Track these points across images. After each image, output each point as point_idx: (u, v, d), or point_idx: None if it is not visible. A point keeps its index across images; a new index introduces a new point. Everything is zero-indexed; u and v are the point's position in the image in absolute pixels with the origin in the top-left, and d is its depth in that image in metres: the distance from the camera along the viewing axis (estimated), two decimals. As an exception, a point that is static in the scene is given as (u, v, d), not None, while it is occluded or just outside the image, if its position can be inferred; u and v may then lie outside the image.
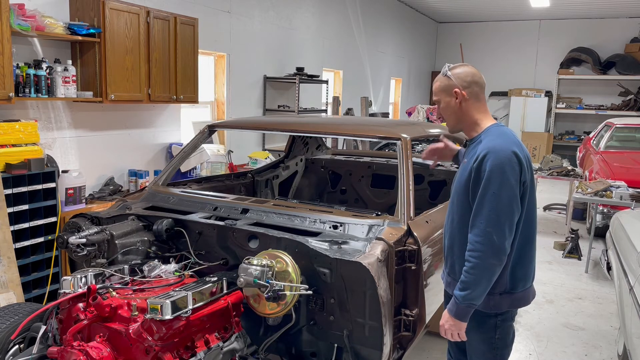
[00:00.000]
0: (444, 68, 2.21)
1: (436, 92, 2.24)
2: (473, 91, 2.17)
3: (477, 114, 2.19)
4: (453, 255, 2.24)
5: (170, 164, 3.50)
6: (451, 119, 2.23)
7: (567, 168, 7.08)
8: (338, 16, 9.23)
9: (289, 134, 4.56)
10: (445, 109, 2.22)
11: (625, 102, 12.88)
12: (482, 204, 2.02)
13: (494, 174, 2.00)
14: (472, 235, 2.05)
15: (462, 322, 2.10)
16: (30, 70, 3.81)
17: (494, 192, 2.00)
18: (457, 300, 2.07)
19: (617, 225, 4.00)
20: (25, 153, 3.72)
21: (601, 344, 4.03)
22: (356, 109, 9.94)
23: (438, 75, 2.26)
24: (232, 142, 6.58)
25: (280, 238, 2.48)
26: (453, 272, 2.25)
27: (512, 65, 13.92)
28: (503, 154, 2.01)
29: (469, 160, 2.13)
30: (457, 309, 2.08)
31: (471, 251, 2.04)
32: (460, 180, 2.17)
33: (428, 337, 3.81)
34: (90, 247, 2.66)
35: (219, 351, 2.32)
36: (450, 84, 2.17)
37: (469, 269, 2.03)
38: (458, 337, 2.13)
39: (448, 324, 2.13)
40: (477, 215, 2.03)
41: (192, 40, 5.22)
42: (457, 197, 2.19)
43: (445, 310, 2.15)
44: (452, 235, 2.23)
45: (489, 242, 2.00)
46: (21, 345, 2.49)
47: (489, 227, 2.00)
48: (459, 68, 2.20)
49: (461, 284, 2.07)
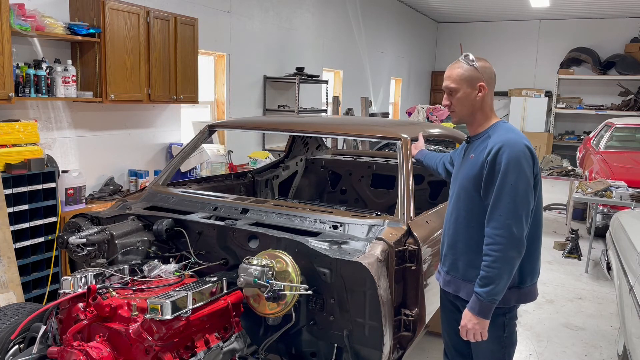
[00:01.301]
0: (465, 57, 2.14)
1: (455, 80, 2.14)
2: (492, 88, 2.19)
3: (489, 111, 2.20)
4: (456, 253, 2.22)
5: (170, 164, 3.50)
6: (464, 110, 2.18)
7: (567, 168, 7.08)
8: (338, 16, 9.23)
9: (289, 134, 4.56)
10: (463, 99, 2.15)
11: (625, 102, 12.88)
12: (500, 197, 2.01)
13: (510, 166, 2.00)
14: (490, 228, 2.03)
15: (486, 320, 2.06)
16: (30, 70, 3.81)
17: (511, 184, 2.00)
18: (480, 297, 2.03)
19: (617, 225, 4.00)
20: (25, 153, 3.72)
21: (601, 344, 4.03)
22: (356, 109, 9.94)
23: (457, 62, 2.16)
24: (232, 142, 6.58)
25: (280, 238, 2.48)
26: (454, 270, 2.23)
27: (512, 65, 13.92)
28: (518, 147, 2.03)
29: (478, 155, 2.12)
30: (480, 306, 2.04)
31: (492, 244, 2.01)
32: (469, 175, 2.15)
33: (428, 337, 3.81)
34: (90, 247, 2.66)
35: (219, 351, 2.32)
36: (477, 76, 2.13)
37: (491, 262, 2.01)
38: (480, 337, 2.09)
39: (471, 324, 2.07)
40: (495, 207, 2.02)
41: (192, 40, 5.22)
42: (464, 192, 2.16)
43: (466, 311, 2.10)
44: (456, 231, 2.21)
45: (509, 235, 1.99)
46: (21, 345, 2.49)
47: (509, 219, 1.99)
48: (484, 62, 2.16)
49: (483, 279, 2.03)
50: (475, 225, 2.14)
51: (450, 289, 2.28)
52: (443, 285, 2.33)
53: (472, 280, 2.15)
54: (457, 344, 2.43)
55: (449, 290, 2.29)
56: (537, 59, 13.91)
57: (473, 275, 2.15)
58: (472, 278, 2.15)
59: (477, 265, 2.13)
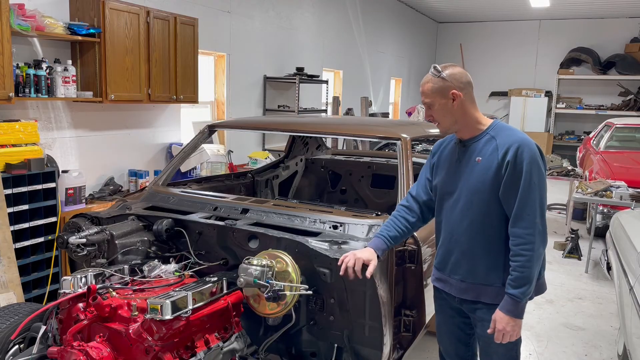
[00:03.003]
0: (433, 69, 2.15)
1: (428, 94, 2.15)
2: (468, 92, 2.15)
3: (475, 112, 2.18)
4: (473, 258, 2.16)
5: (170, 164, 3.50)
6: (447, 121, 2.17)
7: (567, 168, 7.08)
8: (338, 16, 9.23)
9: (289, 134, 4.56)
10: (440, 110, 2.15)
11: (625, 102, 12.88)
12: (527, 196, 2.02)
13: (533, 165, 2.03)
14: (519, 228, 2.02)
15: (521, 319, 2.08)
16: (30, 70, 3.81)
17: (535, 182, 2.02)
18: (517, 299, 2.02)
19: (617, 225, 4.00)
20: (25, 153, 3.72)
21: (601, 344, 4.03)
22: (356, 109, 9.94)
23: (427, 77, 2.17)
24: (232, 142, 6.58)
25: (280, 238, 2.48)
26: (473, 276, 2.17)
27: (512, 65, 13.92)
28: (533, 146, 2.06)
29: (489, 157, 2.09)
30: (518, 308, 2.04)
31: (523, 244, 2.01)
32: (483, 179, 2.09)
33: (428, 337, 3.81)
34: (90, 247, 2.66)
35: (219, 351, 2.32)
36: (447, 86, 2.12)
37: (525, 262, 2.01)
38: (515, 337, 2.09)
39: (510, 326, 2.05)
40: (523, 207, 2.02)
41: (192, 40, 5.22)
42: (477, 196, 2.11)
43: (501, 315, 2.05)
44: (472, 237, 2.15)
45: (538, 233, 2.02)
46: (21, 345, 2.49)
47: (537, 217, 2.02)
48: (452, 69, 2.15)
49: (517, 280, 2.02)
50: (493, 228, 2.11)
51: (469, 296, 2.20)
52: (457, 294, 2.24)
53: (494, 283, 2.13)
54: (458, 349, 2.41)
55: (468, 298, 2.21)
56: (537, 59, 13.91)
57: (495, 278, 2.13)
58: (494, 281, 2.13)
59: (497, 267, 2.12)
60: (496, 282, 2.13)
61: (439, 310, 2.42)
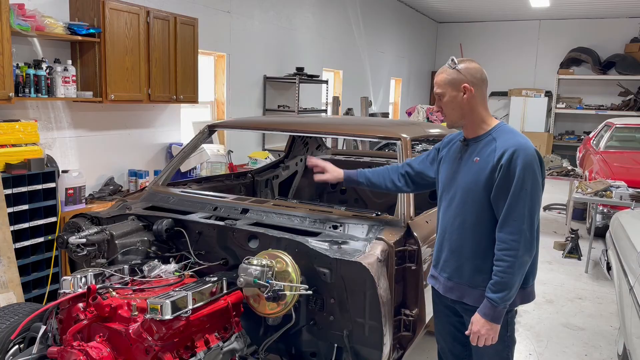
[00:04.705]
0: (450, 61, 2.14)
1: (440, 85, 2.15)
2: (481, 89, 2.15)
3: (483, 111, 2.17)
4: (461, 258, 2.17)
5: (170, 164, 3.50)
6: (454, 114, 2.16)
7: (567, 168, 7.08)
8: (338, 16, 9.23)
9: (289, 134, 4.56)
10: (450, 103, 2.14)
11: (625, 102, 12.88)
12: (516, 202, 2.00)
13: (527, 171, 2.00)
14: (504, 233, 2.01)
15: (498, 324, 2.06)
16: (30, 70, 3.81)
17: (526, 189, 1.99)
18: (494, 303, 2.02)
19: (617, 225, 4.00)
20: (25, 153, 3.72)
21: (601, 344, 4.03)
22: (356, 109, 9.94)
23: (443, 67, 2.17)
24: (232, 142, 6.58)
25: (280, 238, 2.48)
26: (458, 276, 2.18)
27: (512, 65, 13.92)
28: (530, 152, 2.03)
29: (485, 158, 2.09)
30: (495, 313, 2.03)
31: (506, 250, 2.00)
32: (477, 179, 2.10)
33: (428, 337, 3.81)
34: (90, 247, 2.66)
35: (219, 351, 2.32)
36: (460, 78, 2.11)
37: (506, 268, 2.00)
38: (491, 342, 2.08)
39: (485, 329, 2.05)
40: (510, 212, 2.01)
41: (192, 40, 5.22)
42: (471, 196, 2.12)
43: (478, 317, 2.07)
44: (462, 237, 2.16)
45: (524, 240, 2.00)
46: (21, 345, 2.49)
47: (524, 224, 2.00)
48: (468, 63, 2.15)
49: (496, 285, 2.02)
50: (483, 230, 2.11)
51: (454, 296, 2.22)
52: (444, 292, 2.27)
53: (479, 285, 2.13)
54: (454, 348, 2.41)
55: (452, 297, 2.23)
56: (537, 59, 13.91)
57: (480, 280, 2.12)
58: (479, 283, 2.13)
59: (484, 270, 2.11)
60: (481, 285, 2.12)
61: (436, 309, 2.44)
